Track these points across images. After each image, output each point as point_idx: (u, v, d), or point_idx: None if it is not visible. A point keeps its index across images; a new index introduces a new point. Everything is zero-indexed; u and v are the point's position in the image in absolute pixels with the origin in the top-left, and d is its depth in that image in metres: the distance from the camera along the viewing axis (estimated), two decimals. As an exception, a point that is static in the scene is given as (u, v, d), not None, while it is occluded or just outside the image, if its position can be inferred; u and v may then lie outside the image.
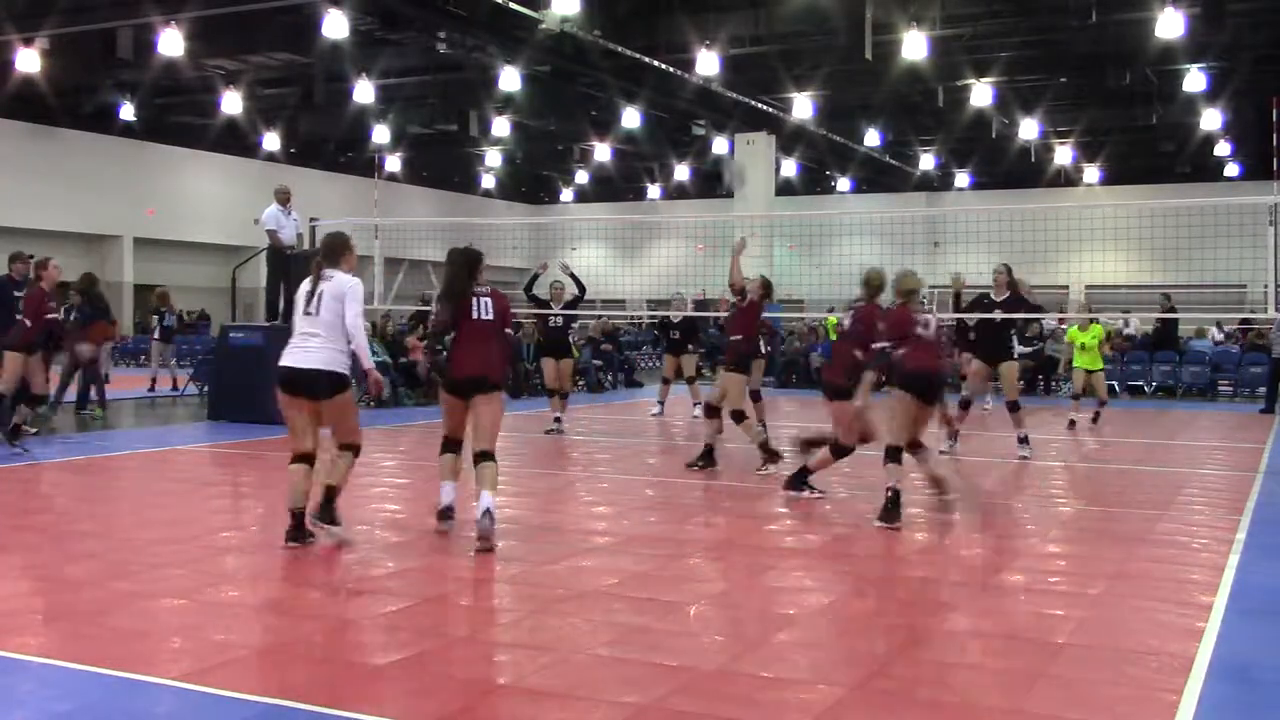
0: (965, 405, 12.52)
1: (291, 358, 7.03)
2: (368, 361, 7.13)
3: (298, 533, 7.05)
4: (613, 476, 10.98)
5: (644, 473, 11.41)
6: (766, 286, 11.21)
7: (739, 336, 10.96)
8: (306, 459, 7.08)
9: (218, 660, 4.90)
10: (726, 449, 11.24)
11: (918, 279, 8.73)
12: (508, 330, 7.97)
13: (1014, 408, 12.19)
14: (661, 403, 16.38)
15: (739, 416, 10.70)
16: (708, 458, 10.77)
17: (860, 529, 8.13)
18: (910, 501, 9.43)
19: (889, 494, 8.14)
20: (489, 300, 7.53)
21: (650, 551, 7.21)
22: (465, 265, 7.53)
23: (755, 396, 13.55)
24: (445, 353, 7.72)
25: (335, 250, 7.22)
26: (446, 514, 7.58)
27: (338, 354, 6.99)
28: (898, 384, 8.53)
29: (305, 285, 7.18)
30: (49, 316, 12.24)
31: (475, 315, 7.46)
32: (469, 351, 7.45)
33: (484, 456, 7.25)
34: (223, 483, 10.62)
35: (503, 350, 7.73)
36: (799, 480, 9.11)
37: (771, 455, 10.68)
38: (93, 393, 15.68)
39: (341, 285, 7.03)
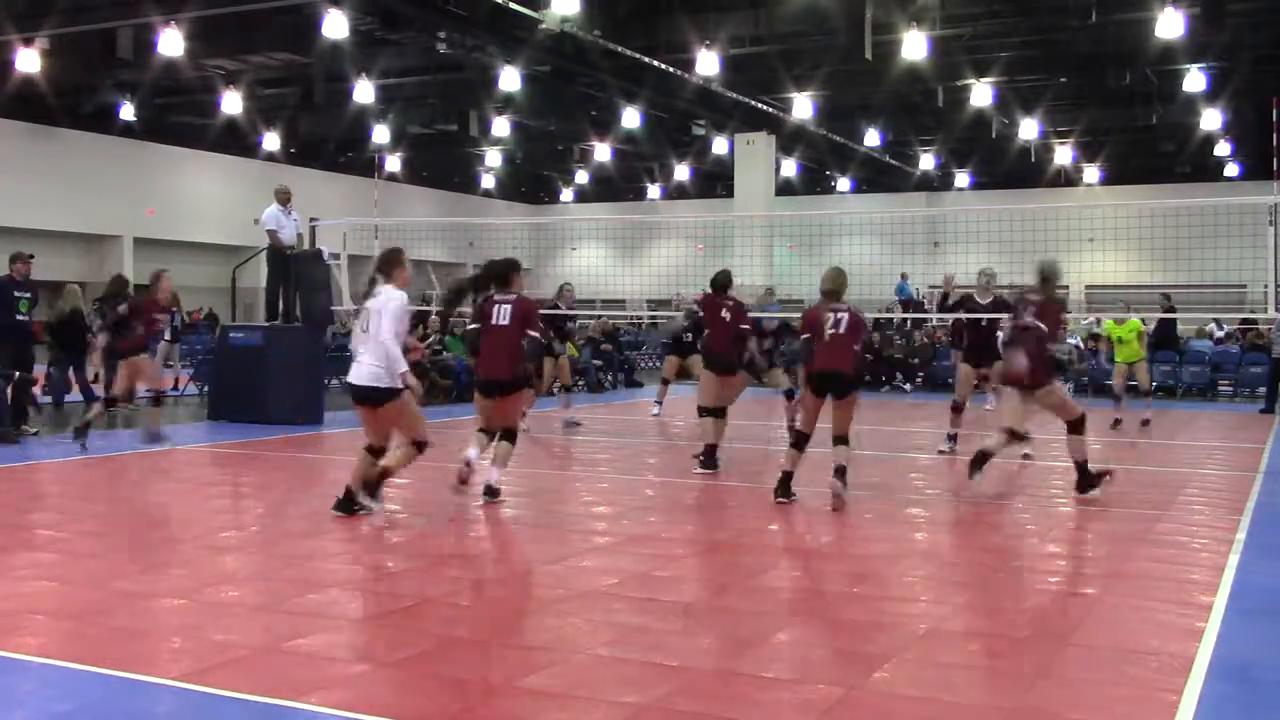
0: (957, 409, 12.38)
1: (351, 374, 7.85)
2: (399, 367, 7.62)
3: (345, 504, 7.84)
4: (613, 476, 10.98)
5: (644, 473, 11.41)
6: (716, 282, 11.18)
7: (707, 331, 11.20)
8: (374, 452, 7.87)
9: (218, 660, 4.90)
10: (726, 448, 11.23)
11: (835, 279, 8.85)
12: (531, 333, 8.55)
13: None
14: (660, 403, 16.33)
15: (702, 411, 10.80)
16: (709, 458, 10.72)
17: (860, 529, 8.14)
18: (910, 501, 9.46)
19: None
20: (508, 307, 8.48)
21: (650, 551, 7.21)
22: (486, 277, 8.63)
23: (789, 395, 13.42)
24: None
25: (387, 264, 7.88)
26: (466, 467, 8.32)
27: (381, 369, 7.61)
28: (805, 380, 8.90)
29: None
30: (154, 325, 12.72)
31: (494, 321, 8.46)
32: (487, 355, 8.51)
33: (503, 436, 8.62)
34: (223, 483, 10.61)
35: (516, 351, 8.47)
36: (1086, 483, 9.14)
37: (710, 461, 10.58)
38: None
39: (382, 302, 7.67)
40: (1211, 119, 26.53)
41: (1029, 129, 28.39)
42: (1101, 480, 9.26)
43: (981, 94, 23.99)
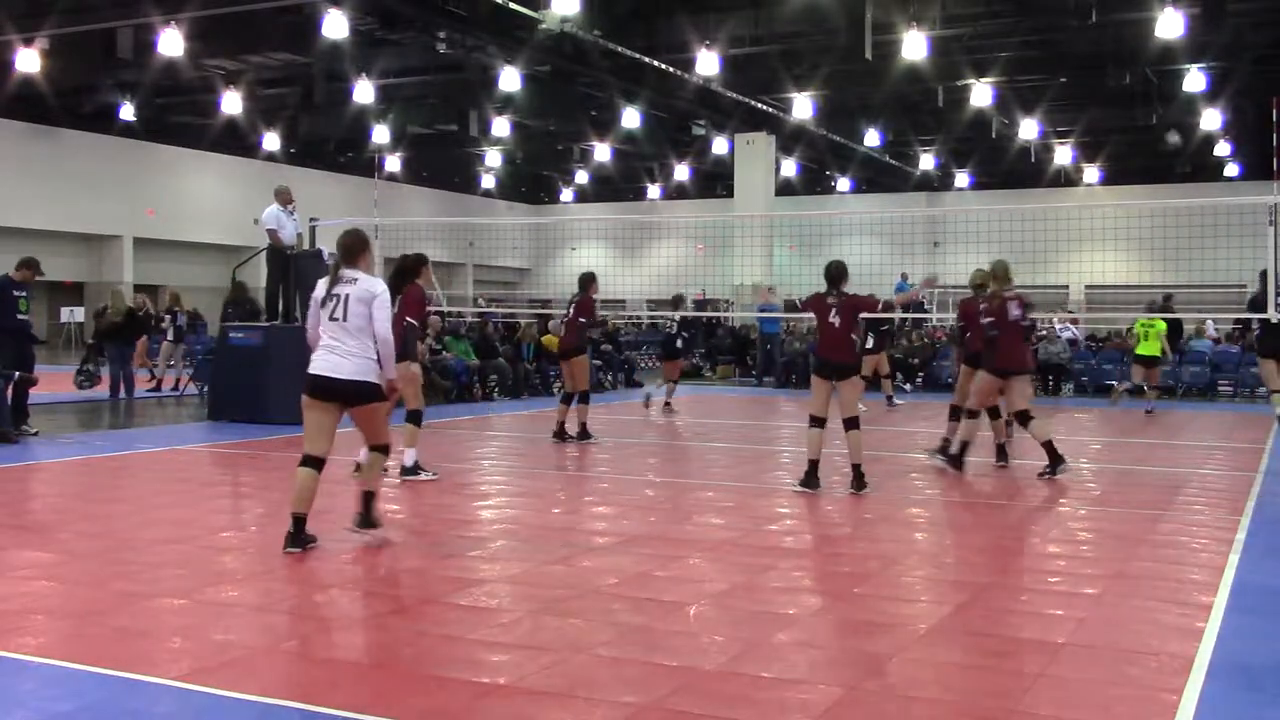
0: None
1: (322, 366, 6.88)
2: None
3: (297, 538, 6.93)
4: (613, 476, 10.97)
5: (644, 473, 11.41)
6: (826, 276, 10.85)
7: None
8: (317, 463, 6.99)
9: (218, 660, 4.90)
10: (729, 448, 11.23)
11: (1009, 271, 10.36)
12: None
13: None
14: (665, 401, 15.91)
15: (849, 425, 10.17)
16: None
17: (860, 529, 8.14)
18: (910, 500, 9.45)
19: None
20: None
21: (650, 551, 7.21)
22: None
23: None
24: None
25: (351, 252, 7.01)
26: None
27: (372, 363, 6.90)
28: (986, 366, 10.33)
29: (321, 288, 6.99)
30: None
31: None
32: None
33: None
34: (223, 483, 10.61)
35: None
36: None
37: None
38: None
39: (366, 289, 6.86)
40: (1211, 119, 26.53)
41: (1029, 129, 28.39)
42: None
43: (981, 94, 23.99)
